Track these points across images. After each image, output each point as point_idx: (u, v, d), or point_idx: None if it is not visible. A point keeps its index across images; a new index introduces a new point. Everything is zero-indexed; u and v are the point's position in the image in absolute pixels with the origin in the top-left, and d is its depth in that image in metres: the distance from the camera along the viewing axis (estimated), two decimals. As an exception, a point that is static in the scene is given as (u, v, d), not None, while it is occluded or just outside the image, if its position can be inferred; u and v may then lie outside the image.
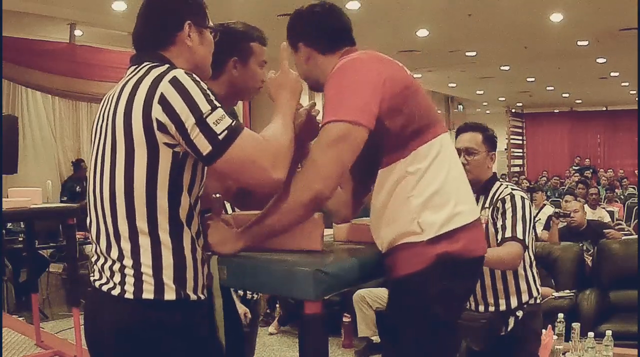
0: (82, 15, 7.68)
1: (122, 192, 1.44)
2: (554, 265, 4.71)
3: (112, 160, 1.46)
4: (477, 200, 2.66)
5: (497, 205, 2.59)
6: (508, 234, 2.49)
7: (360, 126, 1.55)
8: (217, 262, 1.59)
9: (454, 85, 15.47)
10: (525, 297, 2.58)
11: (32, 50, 7.14)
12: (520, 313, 2.57)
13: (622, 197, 10.35)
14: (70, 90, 7.68)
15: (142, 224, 1.44)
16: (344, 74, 1.63)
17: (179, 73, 1.44)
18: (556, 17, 8.13)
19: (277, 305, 5.50)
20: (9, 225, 6.40)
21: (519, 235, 2.47)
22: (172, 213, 1.46)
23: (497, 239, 2.52)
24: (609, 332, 3.00)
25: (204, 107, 1.41)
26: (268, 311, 5.66)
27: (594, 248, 4.82)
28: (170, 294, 1.46)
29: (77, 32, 7.98)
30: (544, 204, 7.15)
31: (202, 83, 1.45)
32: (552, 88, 16.00)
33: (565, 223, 5.29)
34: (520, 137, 20.93)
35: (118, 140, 1.44)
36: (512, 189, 2.62)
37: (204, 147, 1.41)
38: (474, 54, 10.80)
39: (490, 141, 2.69)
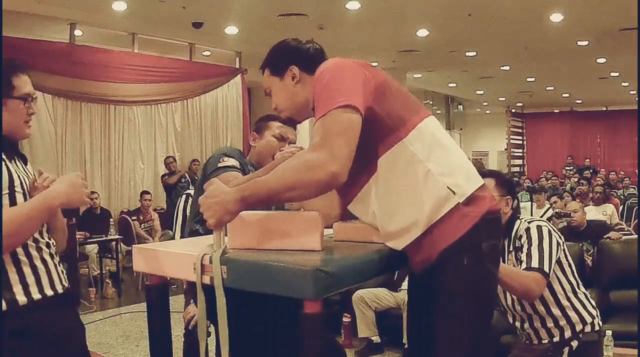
0: (82, 15, 7.69)
1: None
2: (554, 265, 4.71)
3: None
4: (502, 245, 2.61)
5: (517, 244, 2.53)
6: (524, 266, 2.43)
7: (358, 112, 1.62)
8: (219, 262, 1.59)
9: (454, 85, 15.49)
10: (579, 327, 2.50)
11: (32, 50, 7.14)
12: (575, 343, 2.49)
13: (622, 197, 10.34)
14: (70, 90, 7.69)
15: None
16: (330, 71, 1.71)
17: None
18: (556, 17, 8.14)
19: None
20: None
21: (534, 264, 2.40)
22: None
23: None
24: (609, 332, 2.98)
25: None
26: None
27: (594, 248, 4.82)
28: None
29: (77, 32, 7.99)
30: (549, 207, 7.19)
31: None
32: (552, 88, 16.01)
33: (565, 223, 5.30)
34: (520, 137, 20.94)
35: None
36: (529, 222, 2.54)
37: None
38: (474, 54, 10.81)
39: (504, 185, 2.61)
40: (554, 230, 2.55)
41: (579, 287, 2.57)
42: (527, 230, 2.50)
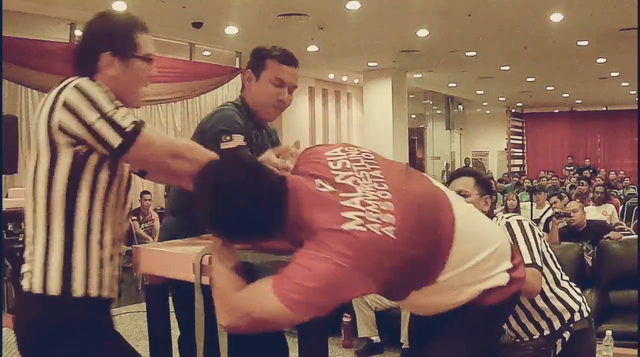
0: (82, 15, 7.65)
1: None
2: (554, 265, 4.71)
3: None
4: None
5: None
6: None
7: (293, 312, 1.44)
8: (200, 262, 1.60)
9: (454, 85, 15.48)
10: (567, 316, 2.49)
11: (32, 50, 7.14)
12: (567, 334, 2.49)
13: (622, 197, 10.34)
14: (70, 90, 7.68)
15: None
16: (320, 278, 1.44)
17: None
18: (556, 17, 8.13)
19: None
20: (9, 225, 6.40)
21: (527, 260, 2.37)
22: None
23: None
24: (609, 332, 2.98)
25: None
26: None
27: (594, 248, 4.82)
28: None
29: (77, 32, 7.98)
30: (549, 207, 7.20)
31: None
32: (552, 88, 16.01)
33: (565, 223, 5.30)
34: (520, 137, 20.94)
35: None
36: (507, 218, 2.53)
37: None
38: (474, 54, 10.81)
39: (483, 184, 2.60)
40: (532, 223, 2.56)
41: (562, 277, 2.57)
42: (508, 225, 2.47)
